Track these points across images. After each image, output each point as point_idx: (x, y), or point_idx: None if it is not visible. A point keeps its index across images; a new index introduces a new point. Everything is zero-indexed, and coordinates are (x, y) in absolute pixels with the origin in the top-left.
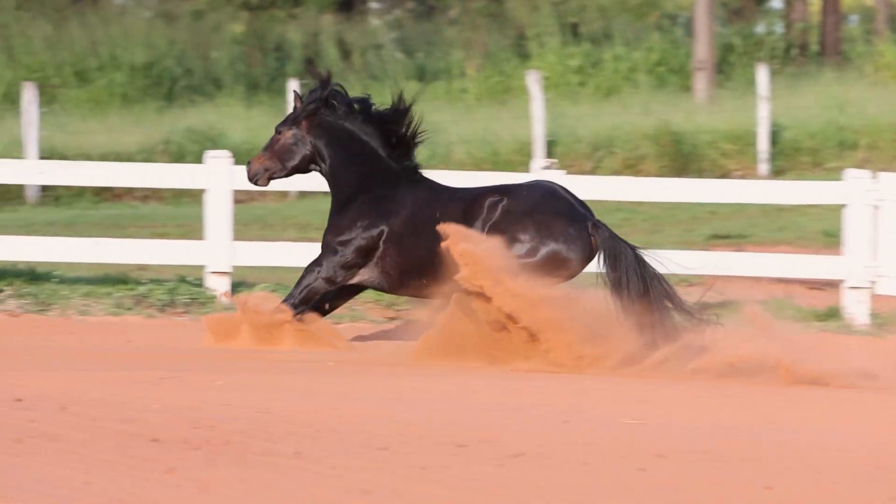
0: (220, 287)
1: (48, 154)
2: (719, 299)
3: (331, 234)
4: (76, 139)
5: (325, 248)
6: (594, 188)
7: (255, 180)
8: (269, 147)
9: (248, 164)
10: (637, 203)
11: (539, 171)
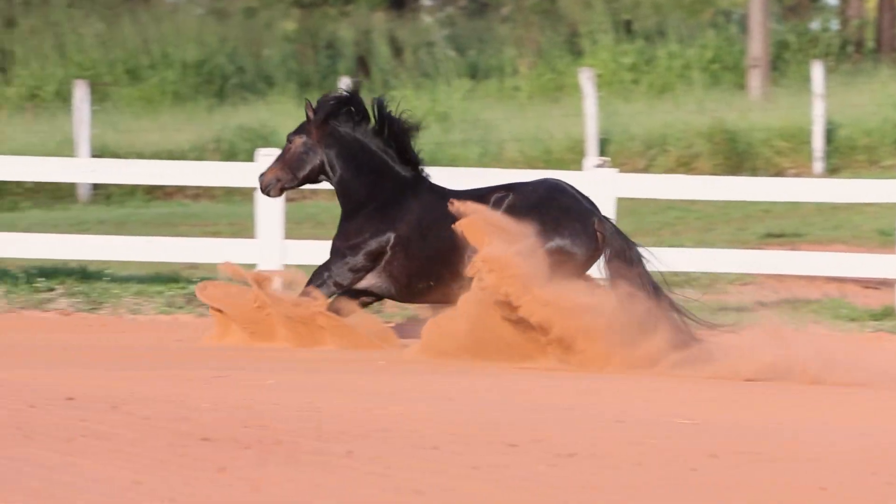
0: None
1: (100, 152)
2: (774, 298)
3: (340, 239)
4: (128, 137)
5: (335, 253)
6: (647, 186)
7: (266, 191)
8: (280, 157)
9: (260, 176)
10: (690, 201)
11: (591, 169)
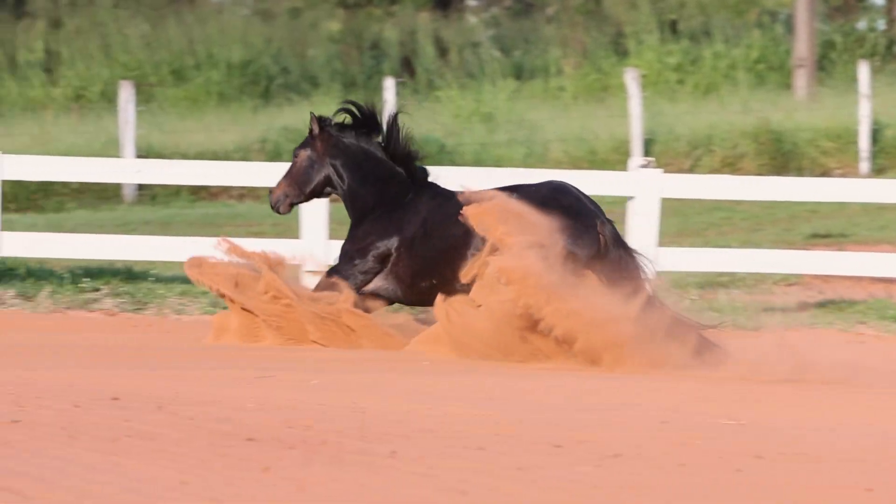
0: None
1: (145, 153)
2: (819, 299)
3: (349, 243)
4: (173, 138)
5: (343, 256)
6: (692, 187)
7: (276, 208)
8: (288, 172)
9: (270, 192)
10: (736, 202)
11: (636, 169)
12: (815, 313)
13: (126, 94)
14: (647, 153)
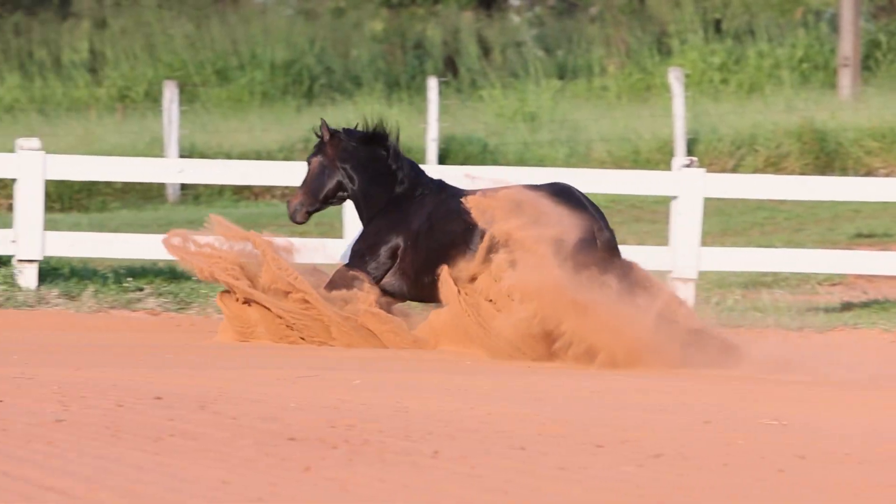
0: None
1: (188, 153)
2: (863, 299)
3: (360, 241)
4: (216, 138)
5: (354, 254)
6: (736, 186)
7: (294, 218)
8: (303, 181)
9: (288, 202)
10: (779, 201)
11: (680, 168)
12: (858, 313)
13: (170, 94)
14: (690, 153)
